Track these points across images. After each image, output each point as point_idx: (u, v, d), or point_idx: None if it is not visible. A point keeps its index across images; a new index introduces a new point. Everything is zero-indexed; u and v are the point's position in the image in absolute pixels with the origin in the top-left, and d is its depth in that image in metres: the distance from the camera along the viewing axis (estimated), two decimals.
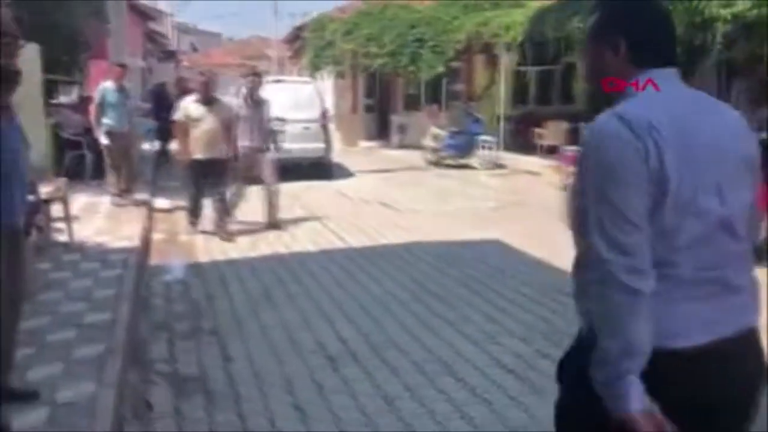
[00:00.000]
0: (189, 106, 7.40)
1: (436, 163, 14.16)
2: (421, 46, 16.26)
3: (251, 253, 6.98)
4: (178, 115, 7.44)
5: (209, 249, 7.13)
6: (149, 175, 11.80)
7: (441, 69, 16.29)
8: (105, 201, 8.93)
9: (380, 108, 19.97)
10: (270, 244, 7.31)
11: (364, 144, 18.68)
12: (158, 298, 5.58)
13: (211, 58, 44.62)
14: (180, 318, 5.06)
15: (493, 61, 16.01)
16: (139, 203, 8.90)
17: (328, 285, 5.74)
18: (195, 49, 47.97)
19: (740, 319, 1.57)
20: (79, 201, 8.87)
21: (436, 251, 6.78)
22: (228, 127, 7.45)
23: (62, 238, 6.68)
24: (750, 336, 1.59)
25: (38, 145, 9.57)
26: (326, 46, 17.47)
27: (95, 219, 8.01)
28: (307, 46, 18.91)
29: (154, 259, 6.82)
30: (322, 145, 12.24)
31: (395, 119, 18.54)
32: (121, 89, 9.01)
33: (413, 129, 17.54)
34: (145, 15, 24.74)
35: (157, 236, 7.84)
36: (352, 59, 17.24)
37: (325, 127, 12.54)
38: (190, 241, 7.56)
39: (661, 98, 1.54)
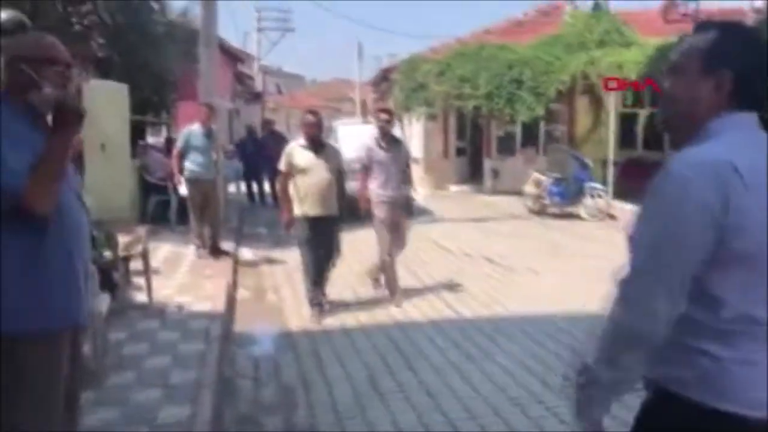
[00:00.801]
0: (294, 153, 6.03)
1: (539, 212, 12.98)
2: (519, 87, 15.26)
3: (349, 321, 6.07)
4: (281, 164, 6.16)
5: (301, 313, 6.27)
6: (235, 221, 11.21)
7: (541, 111, 15.23)
8: (189, 251, 8.29)
9: (472, 151, 19.00)
10: (371, 313, 6.34)
11: (455, 188, 17.71)
12: (245, 379, 4.72)
13: (295, 100, 45.16)
14: (270, 410, 4.19)
15: (598, 102, 14.83)
16: (223, 256, 8.21)
17: (445, 371, 4.72)
18: (280, 91, 48.71)
19: None
20: (163, 250, 8.29)
21: (567, 326, 5.66)
22: (339, 176, 6.17)
23: (141, 297, 6.02)
24: None
25: (123, 189, 9.19)
26: (418, 87, 16.65)
27: (177, 273, 7.34)
28: (397, 87, 18.15)
29: (239, 325, 6.02)
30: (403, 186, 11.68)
31: (488, 163, 17.51)
32: (208, 133, 8.26)
33: (507, 173, 16.50)
34: (234, 57, 24.87)
35: (242, 293, 7.09)
36: (444, 101, 16.34)
37: (408, 167, 12.01)
38: (279, 301, 6.76)
39: (743, 143, 1.43)
